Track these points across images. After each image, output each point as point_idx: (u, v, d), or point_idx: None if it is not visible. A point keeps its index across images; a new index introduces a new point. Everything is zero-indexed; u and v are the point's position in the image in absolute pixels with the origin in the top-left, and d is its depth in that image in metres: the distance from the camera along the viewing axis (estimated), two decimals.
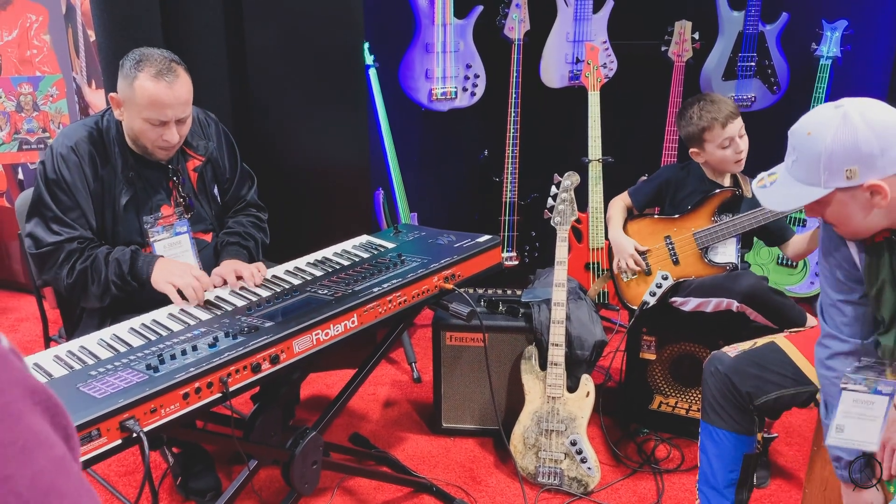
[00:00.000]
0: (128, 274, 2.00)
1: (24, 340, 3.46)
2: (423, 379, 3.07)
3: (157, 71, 1.97)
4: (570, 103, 3.54)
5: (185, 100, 2.03)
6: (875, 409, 1.58)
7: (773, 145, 1.87)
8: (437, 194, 3.77)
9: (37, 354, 1.72)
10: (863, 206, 1.49)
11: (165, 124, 2.01)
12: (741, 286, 2.38)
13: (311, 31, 2.71)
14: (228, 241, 2.23)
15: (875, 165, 1.43)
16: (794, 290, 3.51)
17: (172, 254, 2.14)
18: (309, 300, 1.90)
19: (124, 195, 2.09)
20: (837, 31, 3.25)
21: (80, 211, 2.05)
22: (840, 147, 1.44)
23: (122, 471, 2.51)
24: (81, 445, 1.38)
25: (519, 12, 3.35)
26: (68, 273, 2.01)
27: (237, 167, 2.36)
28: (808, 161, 1.49)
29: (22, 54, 3.55)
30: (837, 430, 1.63)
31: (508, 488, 2.45)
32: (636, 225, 2.66)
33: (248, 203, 2.38)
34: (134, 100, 1.99)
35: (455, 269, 2.12)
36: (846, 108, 1.46)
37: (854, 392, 1.61)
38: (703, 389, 1.99)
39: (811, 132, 1.48)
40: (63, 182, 2.03)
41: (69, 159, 2.04)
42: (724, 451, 1.95)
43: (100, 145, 2.09)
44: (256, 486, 2.41)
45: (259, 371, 1.67)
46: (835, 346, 1.71)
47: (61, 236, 2.02)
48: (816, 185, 1.49)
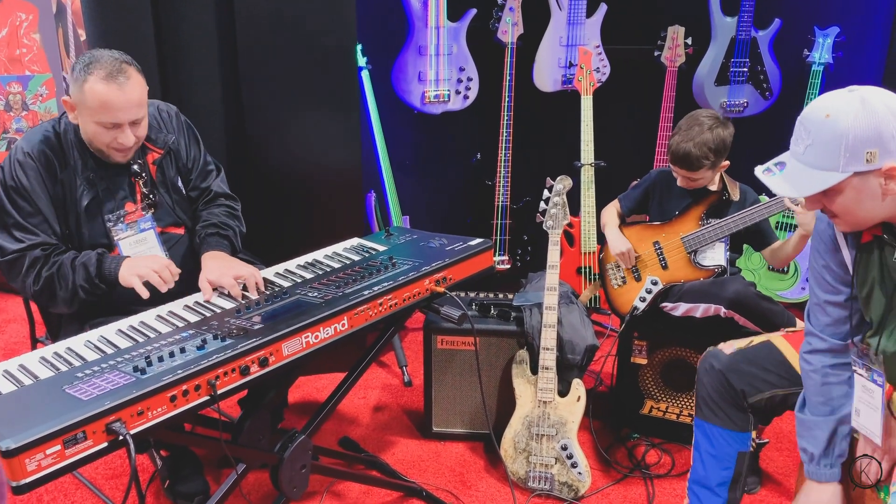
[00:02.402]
0: (95, 277, 1.97)
1: (11, 342, 3.43)
2: (414, 383, 3.06)
3: (108, 73, 1.92)
4: (562, 107, 3.54)
5: (138, 101, 1.98)
6: (875, 399, 1.59)
7: (765, 151, 1.87)
8: (430, 197, 3.76)
9: (23, 356, 1.70)
10: (874, 194, 1.48)
11: (119, 127, 1.97)
12: (728, 292, 2.39)
13: (303, 32, 2.69)
14: (207, 234, 2.21)
15: (892, 149, 1.44)
16: (785, 295, 3.52)
17: (138, 251, 2.12)
18: (299, 303, 1.88)
19: (85, 196, 2.06)
20: (829, 38, 3.27)
21: (42, 216, 2.02)
22: (862, 129, 1.43)
23: (108, 474, 2.48)
24: (67, 448, 1.37)
25: (512, 16, 3.35)
26: (34, 280, 1.99)
27: (200, 156, 2.33)
28: (827, 144, 1.47)
29: (11, 53, 3.53)
30: (856, 413, 1.64)
31: (499, 493, 2.44)
32: (626, 232, 2.68)
33: (216, 194, 2.34)
34: (85, 103, 1.95)
35: (446, 272, 2.11)
36: (861, 92, 1.46)
37: (861, 378, 1.63)
38: (697, 387, 1.99)
39: (830, 115, 1.46)
40: (22, 189, 2.00)
41: (26, 165, 2.01)
42: (718, 448, 1.95)
43: (57, 149, 2.06)
44: (245, 490, 2.39)
45: (248, 374, 1.65)
46: (815, 344, 1.75)
47: (24, 243, 1.99)
48: (833, 170, 1.47)
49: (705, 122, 2.45)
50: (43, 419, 1.37)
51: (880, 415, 1.57)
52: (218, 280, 2.00)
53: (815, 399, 1.72)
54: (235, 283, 1.98)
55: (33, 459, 1.33)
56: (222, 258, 2.12)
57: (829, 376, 1.71)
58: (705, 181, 2.53)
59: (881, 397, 1.57)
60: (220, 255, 2.14)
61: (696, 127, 2.44)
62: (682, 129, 2.48)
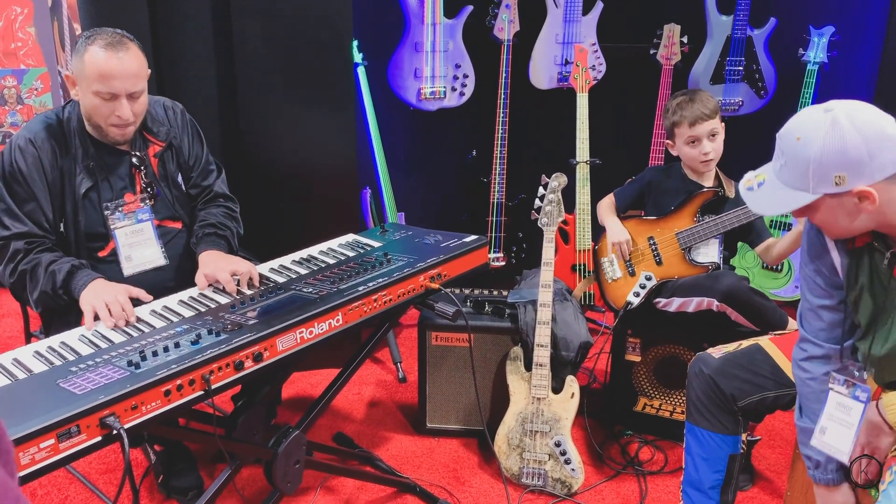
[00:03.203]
0: (60, 287, 1.95)
1: (5, 336, 3.43)
2: (408, 379, 3.06)
3: (107, 43, 1.96)
4: (558, 105, 3.54)
5: (136, 72, 2.00)
6: (851, 416, 1.59)
7: (760, 150, 1.87)
8: (425, 194, 3.76)
9: (17, 350, 1.70)
10: (850, 212, 1.48)
11: (116, 98, 1.98)
12: (721, 285, 2.40)
13: (299, 28, 2.69)
14: (205, 233, 2.20)
15: (863, 172, 1.42)
16: (779, 293, 3.53)
17: (134, 241, 2.13)
18: (294, 298, 1.88)
19: (84, 184, 2.07)
20: (824, 37, 3.27)
21: (36, 203, 2.02)
22: (829, 154, 1.43)
23: (102, 468, 2.48)
24: (60, 442, 1.37)
25: (509, 13, 3.35)
26: (10, 272, 2.00)
27: (203, 155, 2.33)
28: (797, 166, 1.48)
29: (6, 47, 3.52)
30: (821, 433, 1.64)
31: (492, 489, 2.45)
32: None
33: (216, 194, 2.34)
34: (84, 73, 1.97)
35: (441, 268, 2.12)
36: (835, 112, 1.45)
37: (838, 395, 1.62)
38: (687, 391, 2.00)
39: (800, 137, 1.47)
40: (19, 174, 2.01)
41: (27, 151, 2.02)
42: (708, 451, 1.96)
43: (59, 135, 2.07)
44: (239, 485, 2.39)
45: (242, 369, 1.65)
46: (811, 350, 1.72)
47: (10, 230, 2.00)
48: (804, 191, 1.48)
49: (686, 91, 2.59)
50: (37, 413, 1.37)
51: (854, 432, 1.57)
52: (213, 274, 2.00)
53: (814, 406, 1.70)
54: (231, 279, 1.98)
55: (27, 453, 1.33)
56: (219, 255, 2.12)
57: (828, 383, 1.69)
58: (719, 147, 2.53)
59: (860, 414, 1.57)
60: (217, 252, 2.13)
61: (683, 94, 2.56)
62: (677, 96, 2.57)
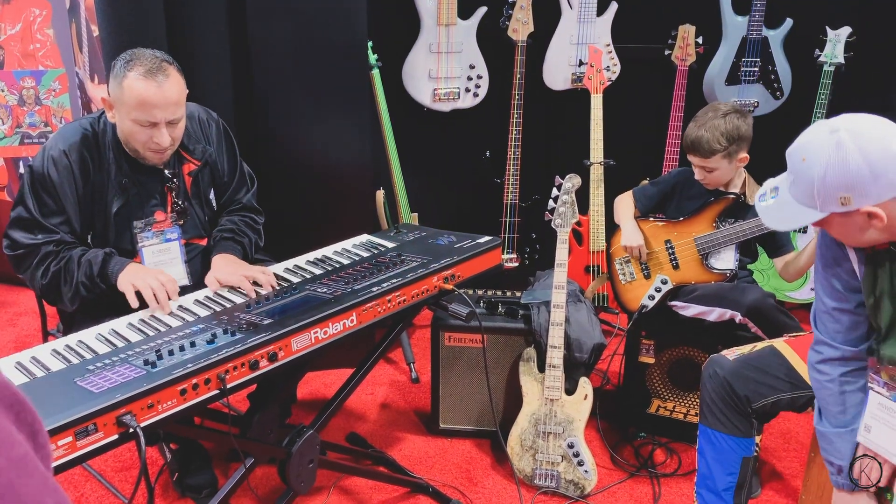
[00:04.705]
0: (97, 275, 1.95)
1: (23, 335, 3.46)
2: (422, 379, 3.07)
3: (147, 70, 1.90)
4: (572, 106, 3.54)
5: (176, 100, 1.95)
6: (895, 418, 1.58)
7: (775, 151, 1.87)
8: (439, 195, 3.77)
9: (34, 348, 1.72)
10: (861, 227, 1.49)
11: (155, 125, 1.94)
12: (748, 300, 2.37)
13: (314, 30, 2.70)
14: (223, 237, 2.20)
15: (869, 193, 1.43)
16: (795, 295, 3.51)
17: (160, 260, 2.10)
18: (308, 298, 1.89)
19: (116, 202, 2.04)
20: (841, 38, 3.25)
21: (65, 216, 2.00)
22: (832, 176, 1.44)
23: (118, 466, 2.50)
24: (77, 440, 1.38)
25: (523, 14, 3.35)
26: (42, 274, 1.97)
27: (237, 170, 2.31)
28: (804, 185, 1.49)
29: (25, 48, 3.55)
30: (866, 430, 1.63)
31: (505, 490, 2.45)
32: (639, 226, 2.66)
33: (244, 206, 2.33)
34: (123, 100, 1.93)
35: (455, 269, 2.12)
36: (840, 134, 1.44)
37: (879, 395, 1.61)
38: (701, 393, 1.99)
39: (805, 158, 1.48)
40: (50, 185, 1.98)
41: (60, 163, 1.98)
42: (722, 454, 1.95)
43: (94, 149, 2.03)
44: (252, 484, 2.41)
45: (257, 368, 1.66)
46: (826, 352, 1.72)
47: (38, 239, 1.97)
48: (813, 208, 1.50)
49: (721, 109, 2.43)
50: (55, 411, 1.39)
51: None
52: (226, 279, 2.00)
53: (833, 409, 1.70)
54: (245, 279, 1.98)
55: None
56: (232, 260, 2.12)
57: (845, 385, 1.69)
58: (722, 175, 2.47)
59: None
60: (231, 257, 2.13)
61: (710, 113, 2.43)
62: (697, 116, 2.47)
